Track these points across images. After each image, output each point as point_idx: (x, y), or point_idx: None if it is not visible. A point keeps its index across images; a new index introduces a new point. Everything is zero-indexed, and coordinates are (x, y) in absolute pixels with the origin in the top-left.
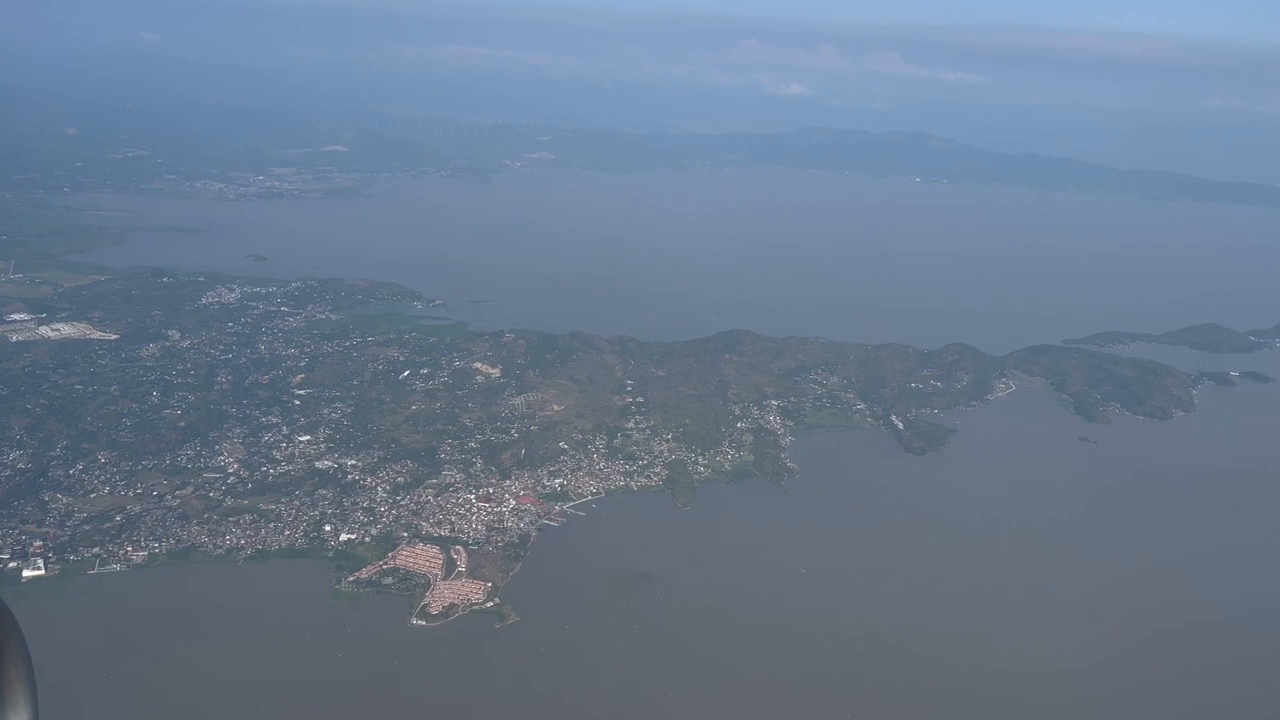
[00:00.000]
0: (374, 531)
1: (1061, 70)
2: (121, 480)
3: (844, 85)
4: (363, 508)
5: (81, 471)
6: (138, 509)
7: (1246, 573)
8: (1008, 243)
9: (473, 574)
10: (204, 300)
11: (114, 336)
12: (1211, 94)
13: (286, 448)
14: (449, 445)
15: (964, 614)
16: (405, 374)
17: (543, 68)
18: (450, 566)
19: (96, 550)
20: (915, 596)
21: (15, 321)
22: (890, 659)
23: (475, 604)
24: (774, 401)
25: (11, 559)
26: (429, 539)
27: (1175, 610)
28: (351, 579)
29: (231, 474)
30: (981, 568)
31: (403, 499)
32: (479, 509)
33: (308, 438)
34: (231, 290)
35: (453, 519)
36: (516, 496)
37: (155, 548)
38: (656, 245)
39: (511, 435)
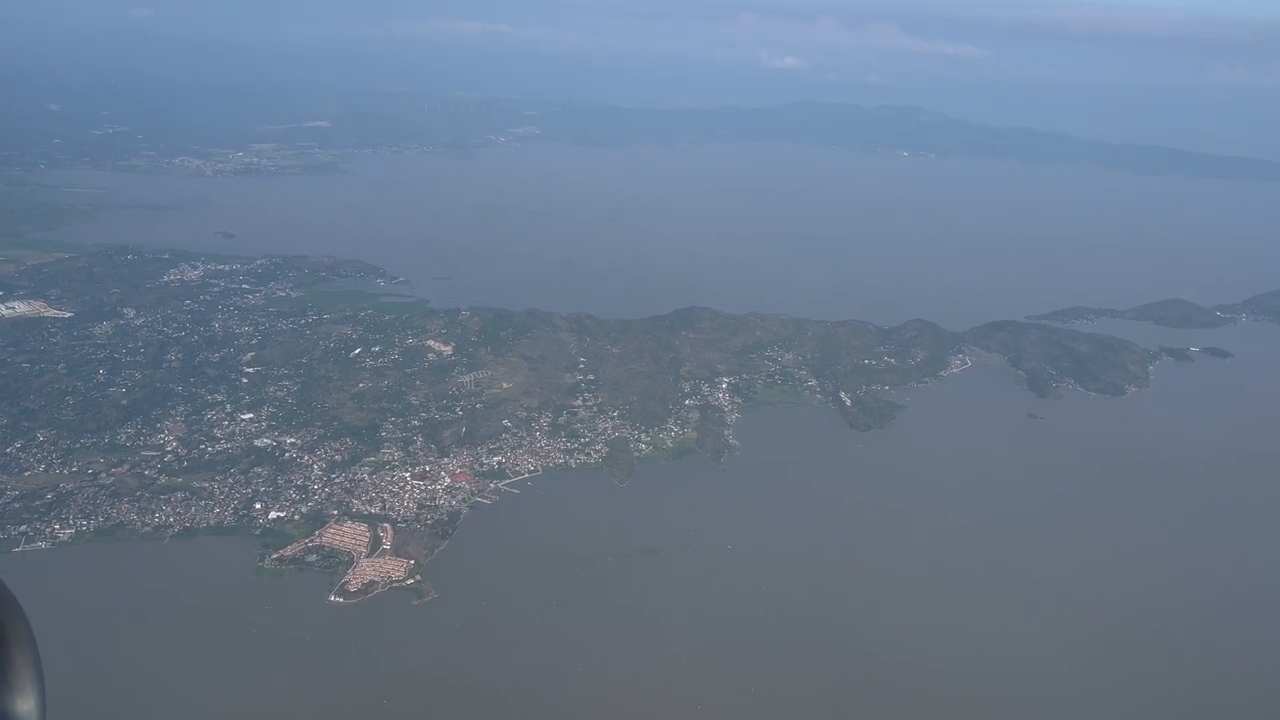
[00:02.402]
0: (304, 509)
1: (1066, 43)
2: (58, 458)
3: (840, 59)
4: (296, 485)
5: (19, 450)
6: (71, 487)
7: (1171, 547)
8: (987, 217)
9: (397, 551)
10: (166, 278)
11: (68, 314)
12: (1216, 67)
13: (228, 426)
14: (391, 423)
15: (882, 591)
16: (356, 351)
17: (539, 43)
18: (376, 544)
19: (24, 528)
20: (836, 572)
21: None
22: (803, 635)
23: (395, 581)
24: (726, 379)
25: None
26: (359, 517)
27: (1098, 587)
28: (275, 556)
29: (169, 452)
30: (907, 544)
31: (337, 477)
32: (413, 487)
33: (250, 415)
34: (195, 267)
35: (385, 497)
36: (452, 474)
37: (83, 525)
38: (631, 221)
39: (456, 413)
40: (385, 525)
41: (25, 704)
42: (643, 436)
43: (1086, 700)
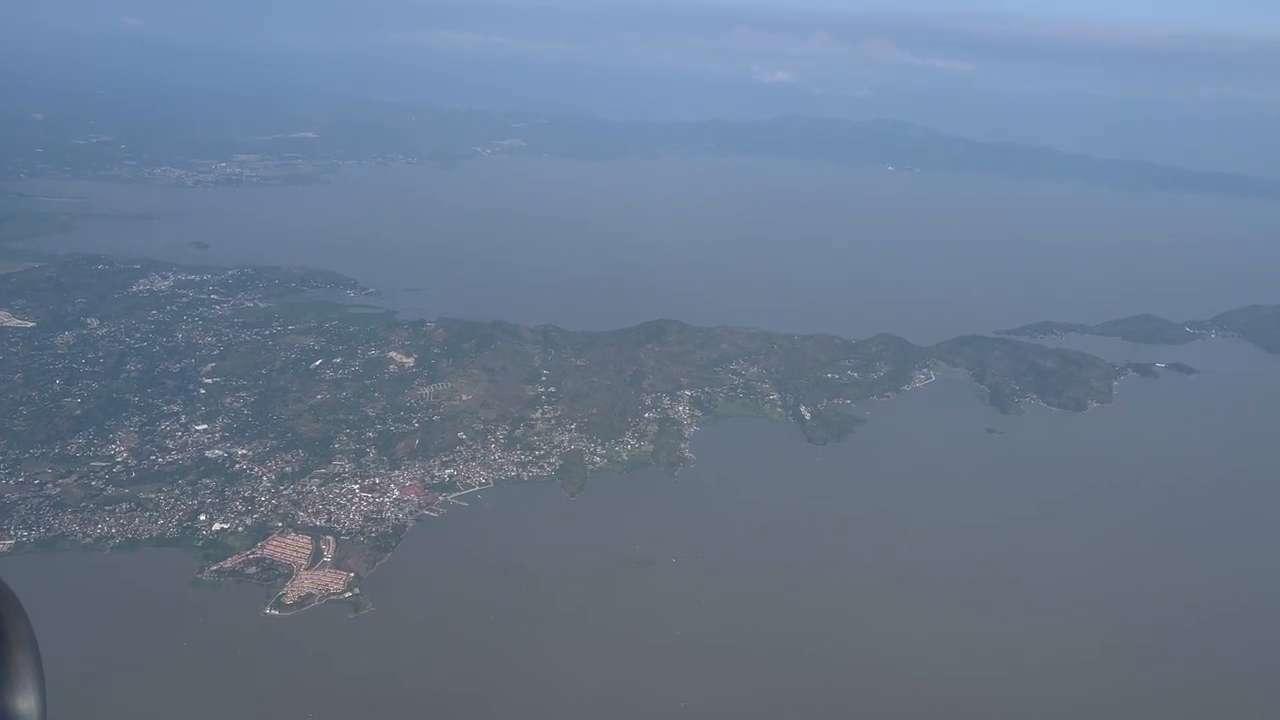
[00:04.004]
0: (249, 521)
1: (1058, 58)
2: (5, 469)
3: (832, 72)
4: (243, 497)
5: None
6: (15, 497)
7: (1116, 560)
8: (964, 232)
9: (337, 564)
10: (135, 288)
11: (30, 324)
12: (1207, 83)
13: (181, 437)
14: (345, 435)
15: (822, 604)
16: (317, 363)
17: (532, 54)
18: (317, 556)
19: None
20: (778, 585)
21: None
22: (740, 648)
23: (334, 594)
24: (687, 392)
25: None
26: (303, 529)
27: (1039, 598)
28: (214, 568)
29: (119, 463)
30: (852, 557)
31: (286, 489)
32: (361, 499)
33: (204, 427)
34: (165, 278)
35: (331, 509)
36: (401, 487)
37: (24, 536)
38: (609, 234)
39: (412, 425)
40: (328, 538)
41: (26, 702)
42: (598, 449)
43: (1041, 709)
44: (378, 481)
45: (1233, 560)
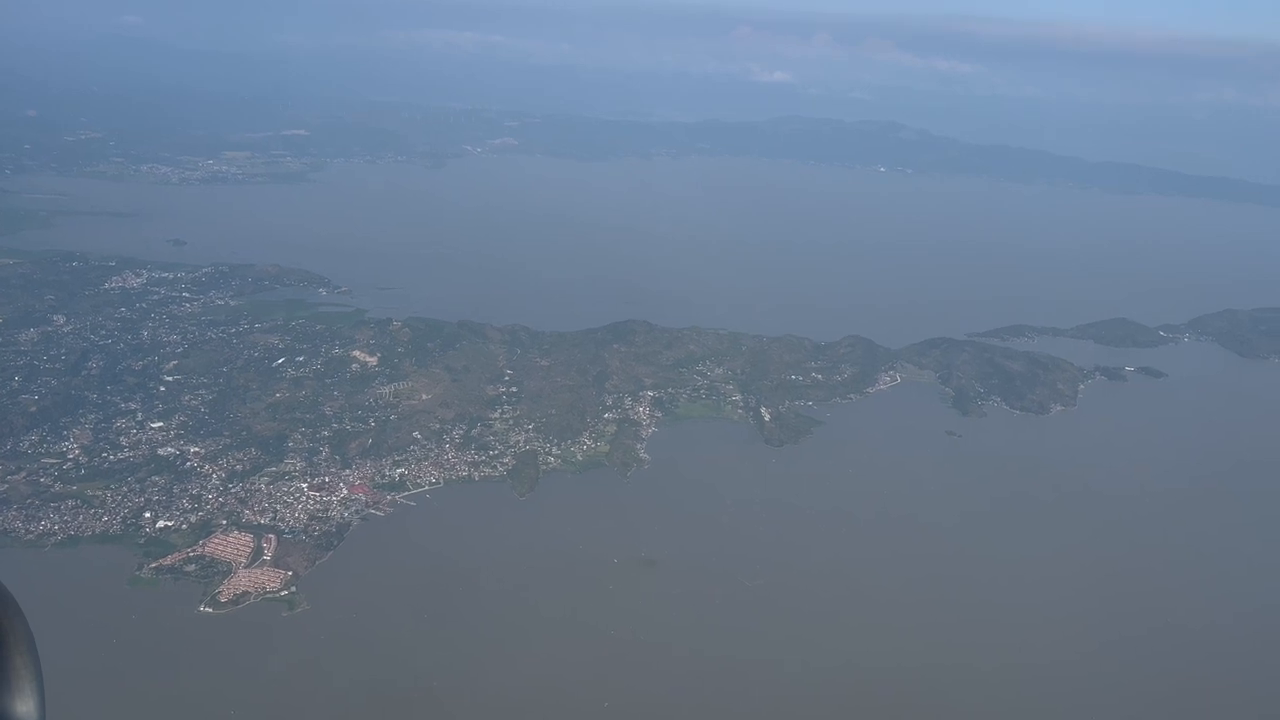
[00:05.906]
0: (193, 519)
1: (1060, 61)
2: None
3: (832, 74)
4: (190, 495)
5: None
6: None
7: (1051, 559)
8: (948, 234)
9: (276, 562)
10: (107, 285)
11: None
12: (1206, 86)
13: (135, 434)
14: (300, 433)
15: (761, 604)
16: (279, 361)
17: (532, 54)
18: (257, 554)
19: None
20: (717, 588)
21: None
22: (671, 651)
23: (269, 592)
24: (650, 393)
25: None
26: (247, 527)
27: (975, 603)
28: (153, 565)
29: (70, 460)
30: (796, 557)
31: (234, 487)
32: (308, 498)
33: (160, 424)
34: (139, 275)
35: (277, 507)
36: (350, 485)
37: None
38: (589, 233)
39: (368, 424)
40: (270, 536)
41: (24, 705)
42: (553, 449)
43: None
44: (327, 480)
45: (1183, 563)
